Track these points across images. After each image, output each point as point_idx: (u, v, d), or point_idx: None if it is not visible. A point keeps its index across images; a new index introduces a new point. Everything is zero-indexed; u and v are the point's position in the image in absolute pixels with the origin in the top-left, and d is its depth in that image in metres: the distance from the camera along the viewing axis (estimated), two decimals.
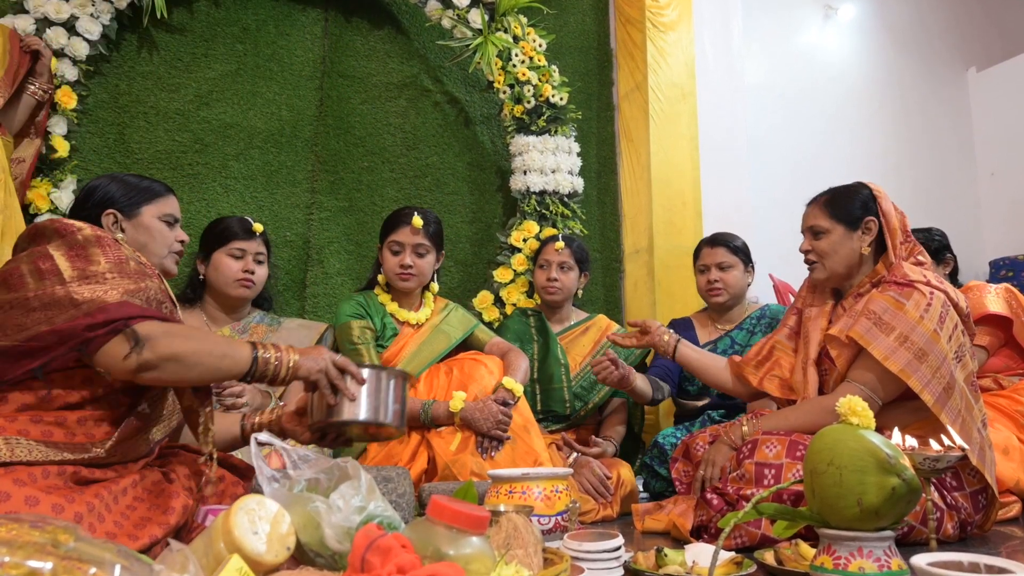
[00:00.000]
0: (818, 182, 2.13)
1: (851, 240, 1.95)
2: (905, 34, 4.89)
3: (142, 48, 2.77)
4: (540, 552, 1.05)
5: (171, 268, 1.69)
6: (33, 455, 1.21)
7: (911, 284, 1.83)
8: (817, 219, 2.00)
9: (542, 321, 2.76)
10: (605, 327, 2.80)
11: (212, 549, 0.90)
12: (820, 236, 1.98)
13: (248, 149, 2.91)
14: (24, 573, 0.66)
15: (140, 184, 1.68)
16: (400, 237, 2.38)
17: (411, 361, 2.33)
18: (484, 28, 3.08)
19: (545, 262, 2.74)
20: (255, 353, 1.37)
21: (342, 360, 1.47)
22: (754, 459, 1.76)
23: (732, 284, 2.67)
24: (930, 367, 1.73)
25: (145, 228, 1.64)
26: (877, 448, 1.10)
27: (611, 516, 2.21)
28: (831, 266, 1.97)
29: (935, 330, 1.76)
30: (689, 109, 3.55)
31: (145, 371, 1.26)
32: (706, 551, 1.43)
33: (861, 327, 1.82)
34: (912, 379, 1.73)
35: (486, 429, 2.08)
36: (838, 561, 1.08)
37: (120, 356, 1.24)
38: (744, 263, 2.71)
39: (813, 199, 2.06)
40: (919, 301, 1.79)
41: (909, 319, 1.77)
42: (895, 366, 1.74)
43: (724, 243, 2.71)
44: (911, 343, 1.75)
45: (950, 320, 1.81)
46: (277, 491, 1.02)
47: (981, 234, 4.89)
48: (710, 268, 2.70)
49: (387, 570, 0.77)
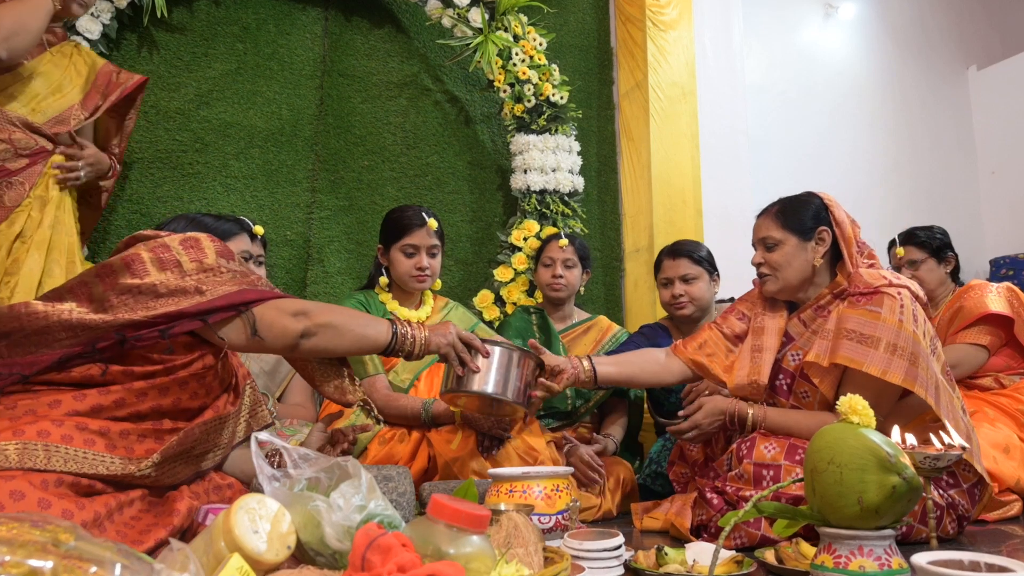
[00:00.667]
0: (818, 180, 2.12)
1: (804, 251, 1.90)
2: (906, 32, 4.88)
3: (142, 47, 2.77)
4: (541, 551, 1.05)
5: None
6: (68, 465, 1.20)
7: (877, 291, 1.78)
8: (769, 230, 1.94)
9: (544, 319, 2.76)
10: (606, 327, 2.80)
11: (213, 548, 0.90)
12: (773, 248, 1.93)
13: (248, 148, 2.91)
14: (25, 572, 0.66)
15: (216, 226, 1.84)
16: (415, 240, 2.34)
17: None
18: (484, 27, 3.08)
19: (549, 260, 2.74)
20: (394, 328, 1.56)
21: (467, 335, 1.69)
22: (752, 459, 1.76)
23: (698, 296, 2.55)
24: (923, 369, 1.70)
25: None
26: (878, 447, 1.10)
27: (611, 513, 2.22)
28: (784, 278, 1.92)
29: (914, 331, 1.73)
30: (689, 108, 3.55)
31: (307, 337, 1.44)
32: (706, 550, 1.43)
33: (847, 350, 1.74)
34: (916, 386, 1.68)
35: (487, 428, 2.08)
36: (838, 560, 1.08)
37: (280, 326, 1.42)
38: (709, 273, 2.60)
39: (764, 210, 2.01)
40: (892, 305, 1.75)
41: (890, 325, 1.73)
42: (897, 377, 1.68)
43: (687, 254, 2.58)
44: (901, 349, 1.70)
45: (920, 315, 1.78)
46: (278, 490, 1.02)
47: (982, 233, 4.89)
48: (673, 281, 2.57)
49: (387, 569, 0.77)
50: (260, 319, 1.41)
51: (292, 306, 1.45)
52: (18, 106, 2.18)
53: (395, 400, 2.17)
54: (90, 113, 2.30)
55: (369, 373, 2.23)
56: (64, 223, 2.24)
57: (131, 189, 2.70)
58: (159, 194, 2.74)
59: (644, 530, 1.97)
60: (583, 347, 2.74)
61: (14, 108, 2.17)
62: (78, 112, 2.27)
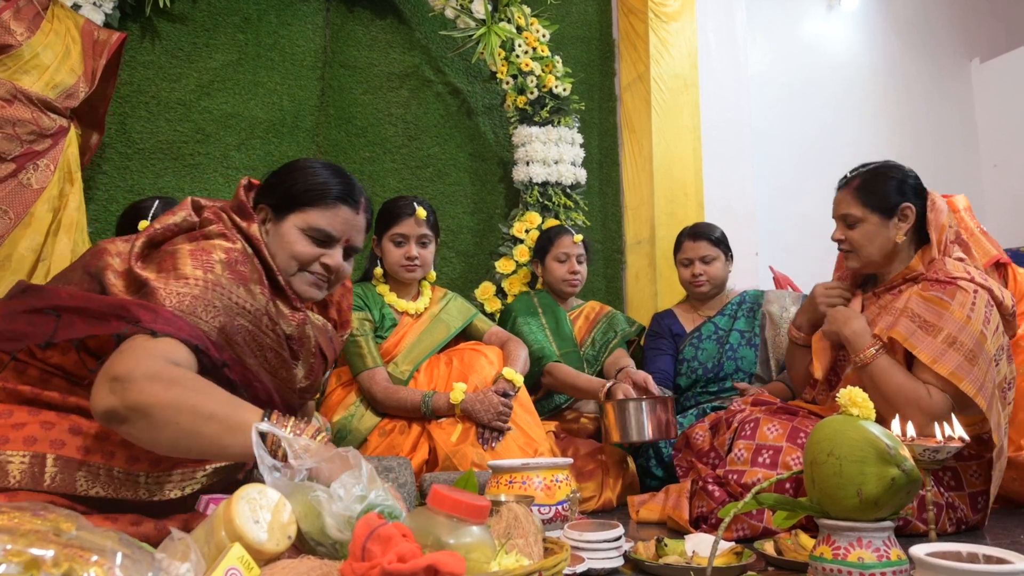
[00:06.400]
0: (821, 173, 2.10)
1: (887, 229, 1.86)
2: (909, 25, 4.86)
3: (144, 37, 2.77)
4: (540, 541, 1.05)
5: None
6: (55, 483, 1.14)
7: (953, 281, 1.74)
8: (850, 207, 1.89)
9: (548, 299, 2.82)
10: (599, 308, 2.90)
11: (213, 538, 0.91)
12: (854, 226, 1.89)
13: (250, 139, 2.90)
14: (26, 561, 0.67)
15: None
16: (404, 229, 2.37)
17: (411, 351, 2.33)
18: (487, 18, 3.07)
19: (564, 255, 2.79)
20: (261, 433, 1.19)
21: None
22: (755, 440, 1.76)
23: (715, 276, 2.76)
24: (981, 370, 1.65)
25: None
26: (877, 439, 1.10)
27: (611, 504, 2.23)
28: (867, 255, 1.89)
29: (982, 331, 1.68)
30: (692, 100, 3.54)
31: (115, 422, 1.12)
32: (706, 541, 1.43)
33: (903, 328, 1.72)
34: (965, 382, 1.64)
35: (487, 420, 2.09)
36: (837, 551, 1.09)
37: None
38: (725, 254, 2.80)
39: (844, 183, 1.96)
40: (963, 300, 1.70)
41: (956, 319, 1.68)
42: (945, 369, 1.65)
43: (706, 236, 2.77)
44: (961, 344, 1.65)
45: (993, 320, 1.73)
46: (279, 480, 1.02)
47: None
48: (693, 262, 2.77)
49: (387, 559, 0.77)
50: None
51: (124, 364, 1.10)
52: (32, 80, 2.12)
53: (395, 393, 2.18)
54: (90, 83, 2.26)
55: (368, 366, 2.23)
56: (71, 197, 2.22)
57: (132, 179, 2.70)
58: (160, 185, 2.74)
59: (640, 521, 1.97)
60: (579, 325, 2.82)
61: (29, 84, 2.11)
62: (83, 85, 2.24)
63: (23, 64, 2.09)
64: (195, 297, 1.22)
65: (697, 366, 2.66)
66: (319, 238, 1.44)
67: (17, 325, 1.21)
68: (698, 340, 2.71)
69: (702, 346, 2.69)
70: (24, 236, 2.06)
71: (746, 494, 1.31)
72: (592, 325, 2.81)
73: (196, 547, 0.81)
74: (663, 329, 2.81)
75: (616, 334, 2.77)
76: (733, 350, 2.65)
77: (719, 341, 2.68)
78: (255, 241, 1.38)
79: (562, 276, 2.78)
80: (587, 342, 2.76)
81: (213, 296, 1.25)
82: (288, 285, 1.42)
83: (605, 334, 2.77)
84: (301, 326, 1.44)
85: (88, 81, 2.26)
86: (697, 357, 2.68)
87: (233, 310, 1.27)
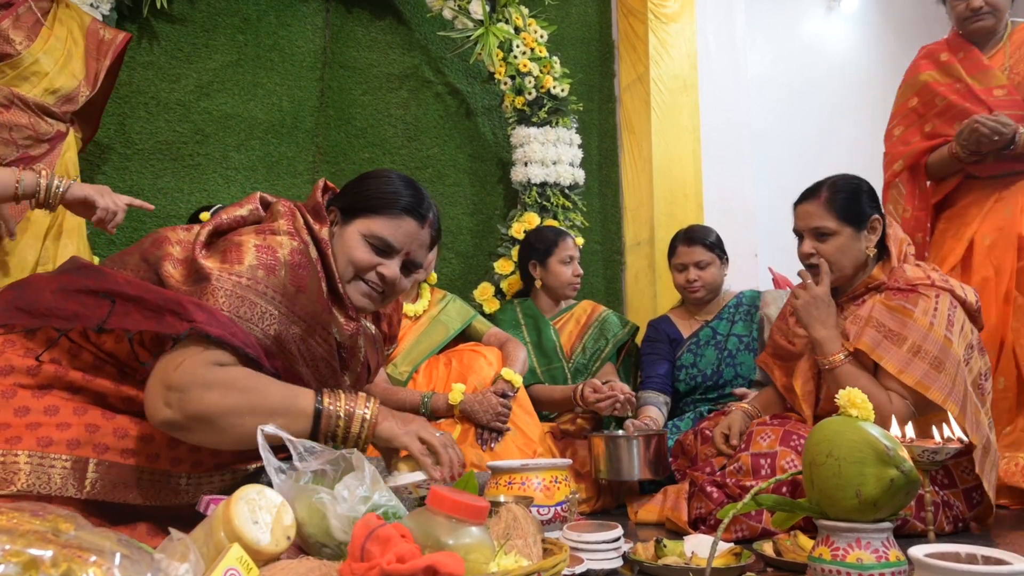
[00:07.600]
0: (821, 174, 2.08)
1: (859, 241, 1.84)
2: (908, 26, 4.86)
3: (142, 38, 2.77)
4: (539, 542, 1.05)
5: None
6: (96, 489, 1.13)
7: (915, 288, 1.75)
8: (823, 219, 1.85)
9: (531, 308, 2.79)
10: (591, 309, 2.85)
11: (213, 538, 0.91)
12: (826, 238, 1.86)
13: (249, 140, 2.91)
14: (25, 561, 0.67)
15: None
16: None
17: (410, 352, 2.33)
18: (485, 19, 3.07)
19: (568, 257, 2.77)
20: (318, 406, 1.25)
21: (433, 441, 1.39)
22: (750, 451, 1.76)
23: (710, 281, 2.69)
24: (949, 375, 1.66)
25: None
26: (876, 440, 1.10)
27: (611, 505, 2.22)
28: (839, 269, 1.86)
29: (946, 335, 1.69)
30: (691, 101, 3.54)
31: (175, 429, 1.17)
32: (705, 542, 1.43)
33: (869, 339, 1.73)
34: (932, 390, 1.65)
35: (486, 421, 2.09)
36: (836, 552, 1.09)
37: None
38: (720, 257, 2.72)
39: (809, 194, 1.91)
40: (926, 307, 1.71)
41: (920, 327, 1.69)
42: (911, 379, 1.66)
43: (700, 241, 2.70)
44: (925, 352, 1.67)
45: (958, 321, 1.73)
46: (284, 482, 1.02)
47: None
48: (688, 267, 2.68)
49: (386, 559, 0.77)
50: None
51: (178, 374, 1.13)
52: (30, 87, 2.11)
53: (393, 394, 2.18)
54: (92, 86, 2.26)
55: None
56: None
57: (131, 180, 2.70)
58: (159, 185, 2.74)
59: (638, 522, 1.98)
60: (569, 330, 2.79)
61: (28, 90, 2.11)
62: (84, 89, 2.24)
63: (22, 71, 2.10)
64: (252, 303, 1.22)
65: (696, 373, 2.61)
66: (379, 246, 1.42)
67: (70, 304, 1.20)
68: (696, 346, 2.66)
69: (701, 352, 2.64)
70: (21, 240, 2.07)
71: (744, 495, 1.31)
72: (583, 330, 2.77)
73: (195, 547, 0.81)
74: (660, 335, 2.75)
75: (607, 342, 2.72)
76: (732, 356, 2.60)
77: (718, 347, 2.64)
78: (323, 244, 1.37)
79: (567, 279, 2.76)
80: (577, 350, 2.72)
81: (271, 302, 1.25)
82: (345, 293, 1.41)
83: (596, 342, 2.73)
84: (354, 336, 1.43)
85: (90, 84, 2.27)
86: (696, 364, 2.62)
87: (289, 318, 1.27)
